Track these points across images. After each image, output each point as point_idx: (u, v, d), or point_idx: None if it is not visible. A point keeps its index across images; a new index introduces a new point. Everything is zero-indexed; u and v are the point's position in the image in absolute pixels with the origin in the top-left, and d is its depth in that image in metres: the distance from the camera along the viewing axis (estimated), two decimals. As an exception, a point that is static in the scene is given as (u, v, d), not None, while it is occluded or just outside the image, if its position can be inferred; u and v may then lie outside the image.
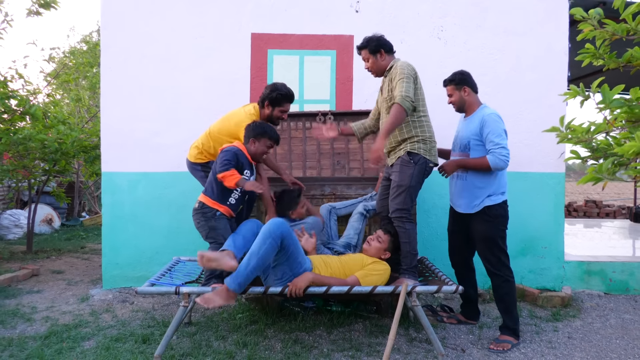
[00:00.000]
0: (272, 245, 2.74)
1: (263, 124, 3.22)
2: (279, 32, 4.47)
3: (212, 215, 3.07)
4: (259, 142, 3.16)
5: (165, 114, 4.44)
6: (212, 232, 3.06)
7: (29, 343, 3.10)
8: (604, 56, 1.80)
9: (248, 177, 3.12)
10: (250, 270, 2.71)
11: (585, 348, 3.15)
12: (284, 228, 2.79)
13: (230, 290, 2.70)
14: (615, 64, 1.80)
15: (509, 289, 3.18)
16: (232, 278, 2.71)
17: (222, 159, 3.01)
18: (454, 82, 3.29)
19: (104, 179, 4.45)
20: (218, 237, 3.04)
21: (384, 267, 3.10)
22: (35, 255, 5.89)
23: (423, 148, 3.14)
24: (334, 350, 3.01)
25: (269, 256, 2.75)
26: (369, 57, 3.24)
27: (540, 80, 4.48)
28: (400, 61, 3.15)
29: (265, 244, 2.72)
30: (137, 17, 4.41)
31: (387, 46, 3.22)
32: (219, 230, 3.05)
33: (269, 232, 2.74)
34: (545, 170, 4.49)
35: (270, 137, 3.17)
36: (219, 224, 3.06)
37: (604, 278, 4.46)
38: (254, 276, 2.75)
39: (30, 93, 5.64)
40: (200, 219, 3.10)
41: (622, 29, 1.70)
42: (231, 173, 2.93)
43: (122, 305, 3.96)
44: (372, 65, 3.25)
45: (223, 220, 3.08)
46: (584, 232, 7.32)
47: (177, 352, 2.93)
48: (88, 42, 10.56)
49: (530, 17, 4.49)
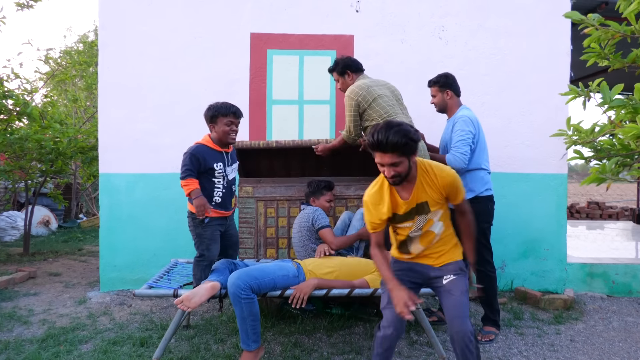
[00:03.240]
0: (247, 303, 2.61)
1: (212, 106, 3.03)
2: (279, 32, 4.45)
3: (201, 221, 2.98)
4: (217, 125, 2.99)
5: (164, 114, 4.42)
6: (199, 240, 3.01)
7: (25, 346, 3.09)
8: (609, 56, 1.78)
9: (222, 170, 3.03)
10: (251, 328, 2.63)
11: (588, 351, 3.14)
12: (241, 279, 2.64)
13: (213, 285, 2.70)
14: (620, 64, 1.78)
15: (490, 284, 3.29)
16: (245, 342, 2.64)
17: (181, 165, 2.93)
18: (438, 84, 3.41)
19: (101, 180, 4.43)
20: (202, 245, 2.99)
21: None
22: (32, 258, 5.88)
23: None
24: (334, 354, 2.99)
25: (254, 308, 2.64)
26: (338, 78, 3.47)
27: (542, 81, 4.46)
28: (351, 87, 3.32)
29: (240, 304, 2.61)
30: (135, 17, 4.39)
31: (352, 67, 3.42)
32: (205, 239, 2.99)
33: (235, 295, 2.61)
34: (547, 171, 4.47)
35: (224, 114, 2.98)
36: (205, 232, 2.99)
37: (606, 280, 4.44)
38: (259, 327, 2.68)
39: (27, 92, 5.61)
40: (190, 224, 3.05)
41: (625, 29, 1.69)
42: (186, 182, 2.88)
43: (119, 308, 3.95)
44: (342, 85, 3.46)
45: (209, 227, 3.00)
46: (587, 233, 7.30)
47: (175, 356, 2.92)
48: (84, 42, 10.50)
49: (532, 17, 4.47)
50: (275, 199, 3.76)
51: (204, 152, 2.97)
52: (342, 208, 3.80)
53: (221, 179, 3.03)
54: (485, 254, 3.27)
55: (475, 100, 4.41)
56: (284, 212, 3.77)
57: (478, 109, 4.33)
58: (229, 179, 3.10)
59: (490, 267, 3.32)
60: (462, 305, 2.20)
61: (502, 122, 4.48)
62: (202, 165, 2.94)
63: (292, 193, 3.78)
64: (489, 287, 3.30)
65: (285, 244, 3.74)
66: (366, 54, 4.45)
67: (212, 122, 3.01)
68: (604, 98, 1.63)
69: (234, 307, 2.66)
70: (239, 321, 2.64)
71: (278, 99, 4.50)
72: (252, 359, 2.66)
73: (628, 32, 1.67)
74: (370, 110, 3.26)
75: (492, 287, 3.32)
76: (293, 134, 4.48)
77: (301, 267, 2.91)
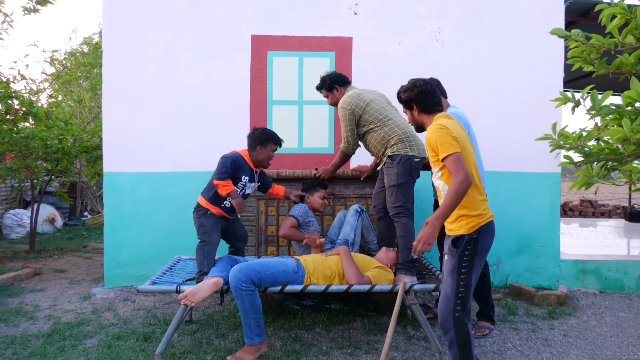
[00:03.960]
0: (249, 295, 2.68)
1: (266, 130, 3.29)
2: (279, 34, 4.49)
3: (204, 213, 3.19)
4: (265, 148, 3.24)
5: (166, 114, 4.47)
6: (201, 229, 3.19)
7: (31, 341, 3.12)
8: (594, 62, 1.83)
9: (245, 183, 3.24)
10: (254, 321, 2.68)
11: (581, 346, 3.18)
12: (242, 272, 2.70)
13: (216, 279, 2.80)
14: (605, 69, 1.82)
15: (485, 280, 3.35)
16: (248, 336, 2.69)
17: (220, 166, 3.13)
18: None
19: (105, 179, 4.47)
20: (204, 233, 3.17)
21: (391, 277, 3.09)
22: (38, 255, 5.91)
23: (402, 147, 3.30)
24: (332, 348, 3.03)
25: (256, 301, 2.70)
26: (327, 94, 3.61)
27: (536, 81, 4.51)
28: (342, 99, 3.46)
29: (242, 296, 2.67)
30: (138, 19, 4.43)
31: (339, 81, 3.56)
32: (206, 227, 3.17)
33: (236, 288, 2.67)
34: (541, 170, 4.52)
35: (275, 142, 3.27)
36: (207, 221, 3.18)
37: (599, 277, 4.50)
38: (262, 320, 2.74)
39: (33, 93, 5.67)
40: (194, 217, 3.25)
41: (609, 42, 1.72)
42: (225, 183, 3.09)
43: (123, 303, 3.99)
44: (332, 100, 3.61)
45: (211, 218, 3.20)
46: (580, 231, 7.36)
47: (178, 350, 2.96)
48: (89, 43, 10.54)
49: (526, 19, 4.51)
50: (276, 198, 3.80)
51: (241, 163, 3.21)
52: (341, 207, 3.84)
53: (240, 189, 3.22)
54: None
55: (471, 101, 4.48)
56: (284, 211, 3.81)
57: (474, 109, 4.41)
58: (245, 193, 3.30)
59: (486, 264, 3.35)
60: (445, 285, 2.36)
61: (497, 121, 4.53)
62: (236, 172, 3.18)
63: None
64: (485, 282, 3.35)
65: (285, 241, 3.79)
66: (365, 56, 4.52)
67: (263, 145, 3.23)
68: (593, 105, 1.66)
69: (236, 301, 2.71)
70: (241, 314, 2.70)
71: (278, 100, 4.54)
72: (253, 352, 2.70)
73: (612, 45, 1.70)
74: (365, 115, 3.38)
75: (487, 283, 3.38)
76: (293, 134, 4.53)
77: (300, 263, 2.96)
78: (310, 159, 4.53)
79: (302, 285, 2.87)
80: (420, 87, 2.52)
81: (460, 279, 2.31)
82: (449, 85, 3.65)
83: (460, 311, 2.30)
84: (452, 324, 2.30)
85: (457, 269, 2.32)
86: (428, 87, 2.52)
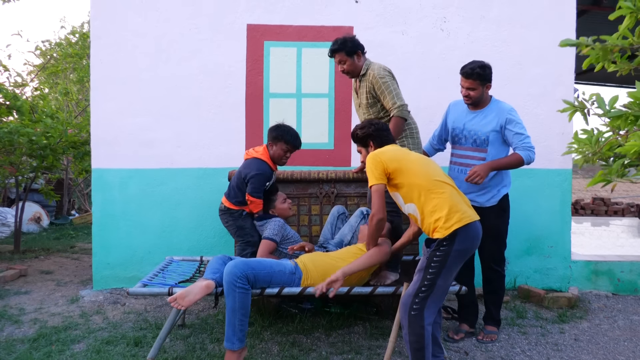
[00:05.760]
0: (241, 293, 2.58)
1: (280, 127, 3.33)
2: (276, 23, 4.36)
3: (239, 215, 3.33)
4: (276, 146, 3.31)
5: (158, 108, 4.34)
6: (240, 231, 3.33)
7: (17, 346, 3.07)
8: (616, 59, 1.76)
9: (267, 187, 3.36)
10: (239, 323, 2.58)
11: (593, 350, 3.12)
12: (238, 267, 2.62)
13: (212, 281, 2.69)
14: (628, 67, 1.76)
15: (502, 283, 3.33)
16: (229, 340, 2.59)
17: (257, 182, 3.24)
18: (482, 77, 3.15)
19: (94, 175, 4.36)
20: (246, 235, 3.31)
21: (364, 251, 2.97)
22: (23, 255, 5.81)
23: (412, 143, 3.27)
24: (333, 353, 2.98)
25: (247, 301, 2.60)
26: (345, 59, 3.23)
27: (546, 73, 4.39)
28: (376, 65, 3.22)
29: (234, 293, 2.58)
30: (128, 8, 4.30)
31: (362, 47, 3.27)
32: (247, 229, 3.32)
33: (230, 284, 2.59)
34: (551, 166, 4.41)
35: (287, 142, 3.30)
36: (246, 223, 3.33)
37: (612, 278, 4.40)
38: (247, 325, 2.63)
39: (17, 85, 5.51)
40: (228, 219, 3.35)
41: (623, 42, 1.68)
42: (260, 202, 3.28)
43: (113, 306, 3.91)
44: (350, 67, 3.25)
45: (248, 219, 3.35)
46: (592, 230, 7.28)
47: (170, 355, 2.92)
48: (76, 31, 10.27)
49: (535, 7, 4.39)
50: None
51: (268, 174, 3.31)
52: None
53: None
54: (504, 254, 3.35)
55: (478, 94, 4.34)
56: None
57: (481, 103, 4.27)
58: None
59: (505, 265, 3.37)
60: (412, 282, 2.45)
61: (505, 116, 4.41)
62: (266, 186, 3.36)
63: (290, 191, 3.75)
64: (501, 286, 3.34)
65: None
66: (366, 46, 4.27)
67: (274, 142, 3.31)
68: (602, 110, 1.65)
69: (225, 298, 2.63)
70: (228, 314, 2.60)
71: (275, 92, 4.42)
72: (235, 359, 2.61)
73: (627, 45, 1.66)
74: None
75: (503, 286, 3.37)
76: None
77: (298, 265, 2.88)
78: (309, 154, 4.40)
79: (299, 287, 2.79)
80: (377, 125, 2.75)
81: (426, 278, 2.35)
82: (454, 78, 3.52)
83: (416, 310, 2.32)
84: (407, 322, 2.35)
85: (425, 268, 2.38)
86: (383, 125, 2.77)
